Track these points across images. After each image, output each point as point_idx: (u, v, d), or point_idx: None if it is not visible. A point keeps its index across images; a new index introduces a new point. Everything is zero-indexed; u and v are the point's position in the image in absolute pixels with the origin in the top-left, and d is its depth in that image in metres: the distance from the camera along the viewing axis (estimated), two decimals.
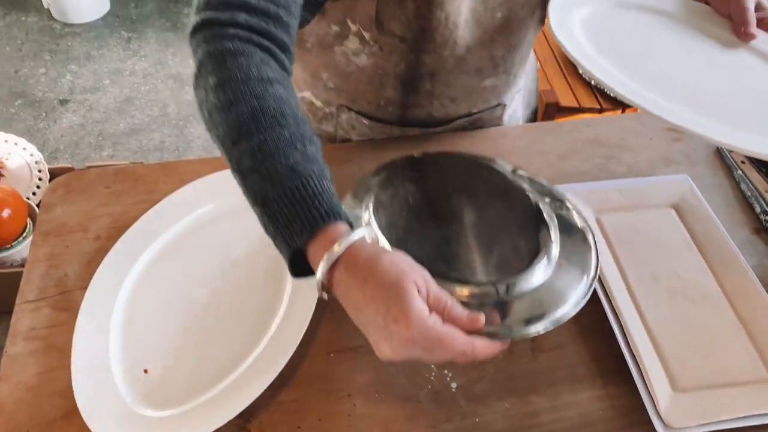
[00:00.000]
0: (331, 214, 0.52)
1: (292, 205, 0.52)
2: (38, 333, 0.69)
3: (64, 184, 0.85)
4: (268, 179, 0.53)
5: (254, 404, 0.62)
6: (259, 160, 0.53)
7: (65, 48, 2.69)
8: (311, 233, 0.52)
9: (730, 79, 0.73)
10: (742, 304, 0.71)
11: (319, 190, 0.52)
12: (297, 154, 0.54)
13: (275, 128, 0.54)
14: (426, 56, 0.82)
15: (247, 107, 0.54)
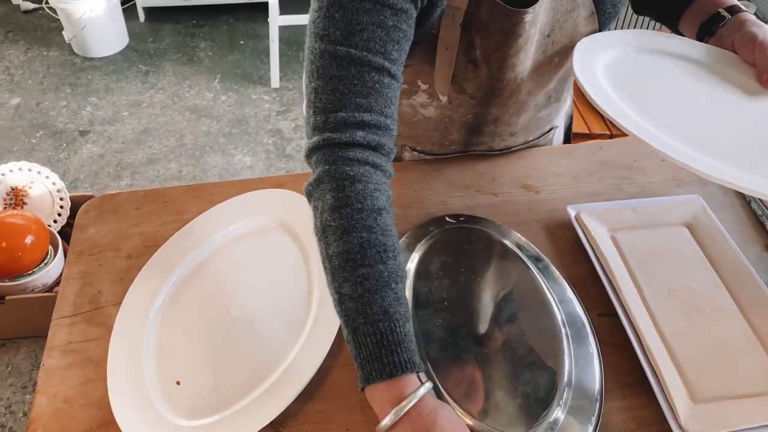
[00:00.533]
0: (407, 365, 0.56)
1: (378, 346, 0.57)
2: (74, 347, 0.71)
3: (97, 206, 0.88)
4: (362, 313, 0.58)
5: (283, 415, 0.64)
6: (359, 293, 0.58)
7: (85, 81, 2.76)
8: (388, 379, 0.56)
9: (753, 126, 0.73)
10: (756, 317, 0.73)
11: (401, 338, 0.57)
12: (391, 295, 0.59)
13: (378, 265, 0.59)
14: (493, 108, 0.86)
15: (358, 239, 0.60)
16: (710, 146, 0.67)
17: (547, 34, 0.79)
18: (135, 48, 3.00)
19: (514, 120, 0.90)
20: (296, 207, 0.84)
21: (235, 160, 2.39)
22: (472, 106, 0.85)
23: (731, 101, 0.75)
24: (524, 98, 0.86)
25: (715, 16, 0.82)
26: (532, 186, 0.92)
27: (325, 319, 0.71)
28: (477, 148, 0.96)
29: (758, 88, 0.77)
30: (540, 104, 0.90)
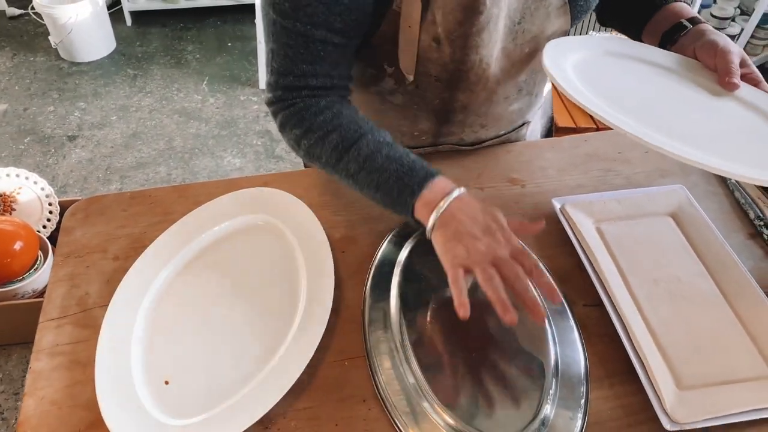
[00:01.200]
0: (427, 176, 0.70)
1: (398, 180, 0.70)
2: (61, 349, 0.71)
3: (83, 208, 0.88)
4: (374, 171, 0.72)
5: (272, 412, 0.64)
6: (362, 162, 0.73)
7: (73, 86, 2.75)
8: (419, 194, 0.69)
9: (718, 122, 0.77)
10: (741, 304, 0.73)
11: (411, 164, 0.71)
12: (385, 147, 0.73)
13: (362, 137, 0.74)
14: (460, 93, 0.86)
15: (335, 134, 0.75)
16: (680, 135, 0.69)
17: (517, 21, 0.79)
18: (122, 52, 2.99)
19: (484, 110, 0.90)
20: (282, 205, 0.84)
21: (225, 162, 2.39)
22: (439, 90, 0.85)
23: (697, 101, 0.79)
24: (493, 87, 0.86)
25: (676, 25, 0.87)
26: (518, 180, 0.92)
27: (313, 315, 0.71)
28: (447, 140, 0.96)
29: (720, 90, 0.81)
30: (511, 96, 0.91)
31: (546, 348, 0.68)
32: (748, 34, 2.70)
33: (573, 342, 0.70)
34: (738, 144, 0.73)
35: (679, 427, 0.62)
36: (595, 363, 0.70)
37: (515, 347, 0.69)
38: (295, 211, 0.84)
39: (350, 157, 0.73)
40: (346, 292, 0.77)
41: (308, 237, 0.80)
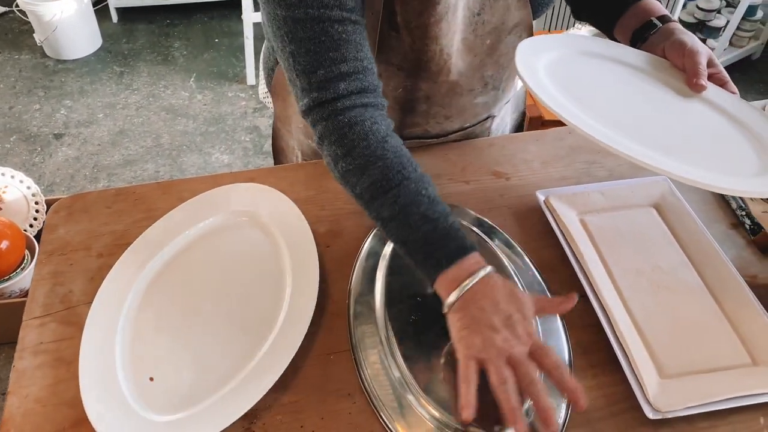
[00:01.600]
0: (458, 252, 0.64)
1: (428, 247, 0.64)
2: (45, 347, 0.71)
3: (67, 205, 0.88)
4: (406, 226, 0.65)
5: (257, 406, 0.64)
6: (396, 211, 0.66)
7: (59, 84, 2.73)
8: (445, 269, 0.63)
9: (681, 122, 0.78)
10: (723, 294, 0.74)
11: (445, 232, 0.65)
12: (425, 201, 0.66)
13: (403, 182, 0.66)
14: (422, 83, 0.86)
15: (377, 169, 0.67)
16: (644, 138, 0.70)
17: (476, 11, 0.80)
18: (108, 49, 2.97)
19: (448, 101, 0.90)
20: (267, 200, 0.84)
21: (213, 158, 2.38)
22: (401, 79, 0.85)
23: (665, 102, 0.80)
24: (455, 79, 0.86)
25: (647, 23, 0.87)
26: (503, 173, 0.93)
27: (298, 310, 0.71)
28: (412, 131, 0.96)
29: (688, 91, 0.82)
30: (476, 90, 0.91)
31: None
32: (734, 26, 2.71)
33: (556, 332, 0.70)
34: (701, 147, 0.75)
35: (661, 415, 0.62)
36: (578, 353, 0.70)
37: None
38: (280, 207, 0.83)
39: (386, 200, 0.66)
40: (332, 286, 0.77)
41: (293, 232, 0.80)
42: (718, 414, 0.64)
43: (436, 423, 0.62)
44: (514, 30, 0.84)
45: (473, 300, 0.61)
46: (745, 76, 2.94)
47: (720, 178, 0.67)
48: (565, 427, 0.63)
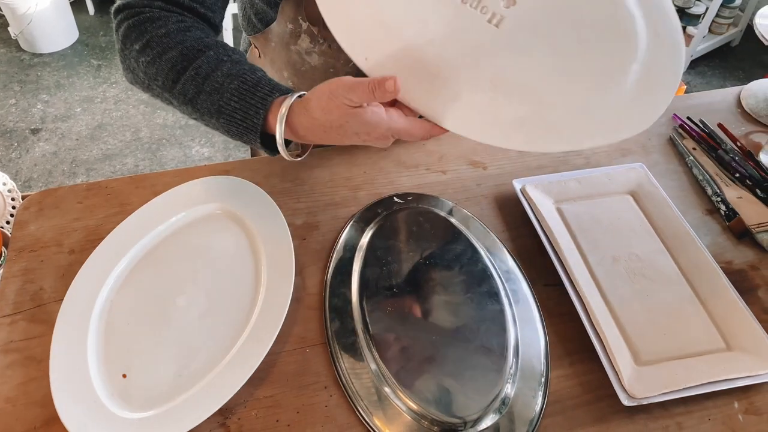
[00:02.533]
0: (274, 91, 0.63)
1: (242, 99, 0.63)
2: (15, 345, 0.70)
3: (37, 201, 0.86)
4: (215, 92, 0.63)
5: (233, 402, 0.64)
6: (200, 83, 0.64)
7: (35, 78, 2.69)
8: (266, 111, 0.62)
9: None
10: (698, 280, 0.74)
11: (256, 79, 0.63)
12: (228, 64, 0.65)
13: (202, 56, 0.65)
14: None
15: (175, 52, 0.65)
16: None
17: None
18: (85, 42, 2.92)
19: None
20: (242, 193, 0.83)
21: (193, 152, 2.36)
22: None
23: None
24: None
25: None
26: (480, 162, 0.92)
27: (273, 303, 0.71)
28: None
29: None
30: None
31: (506, 328, 0.68)
32: (713, 13, 2.73)
33: (533, 321, 0.70)
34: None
35: (636, 402, 0.63)
36: (554, 342, 0.70)
37: (475, 328, 0.69)
38: (255, 199, 0.82)
39: (188, 77, 0.64)
40: (308, 279, 0.76)
41: (268, 225, 0.79)
42: (693, 399, 0.65)
43: (413, 415, 0.62)
44: None
45: (303, 128, 0.63)
46: (725, 63, 2.96)
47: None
48: (542, 416, 0.63)
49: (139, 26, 0.68)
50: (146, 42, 0.67)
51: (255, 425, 0.63)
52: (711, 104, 1.04)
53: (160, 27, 0.67)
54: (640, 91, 0.58)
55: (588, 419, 0.64)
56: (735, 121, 1.00)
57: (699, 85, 2.81)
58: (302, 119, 0.63)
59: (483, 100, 0.61)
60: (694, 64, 2.91)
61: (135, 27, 0.68)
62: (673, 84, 0.57)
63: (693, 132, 0.95)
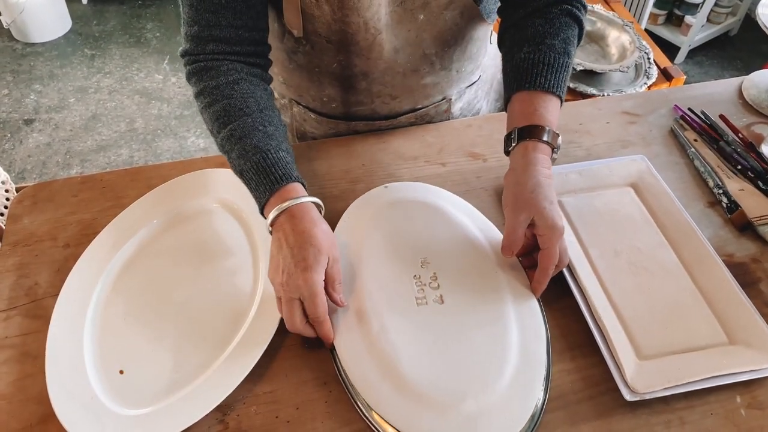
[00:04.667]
0: (283, 178, 0.69)
1: (257, 174, 0.69)
2: (11, 342, 0.69)
3: (31, 194, 0.85)
4: (242, 156, 0.70)
5: (231, 398, 0.63)
6: (233, 143, 0.71)
7: (28, 68, 2.66)
8: (270, 193, 0.68)
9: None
10: (700, 273, 0.74)
11: (275, 161, 0.69)
12: (259, 135, 0.71)
13: (242, 118, 0.72)
14: (355, 58, 0.84)
15: (220, 105, 0.73)
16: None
17: None
18: (79, 31, 2.89)
19: (389, 80, 0.88)
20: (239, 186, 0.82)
21: (188, 142, 2.34)
22: (333, 53, 0.83)
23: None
24: (391, 56, 0.84)
25: (510, 132, 0.73)
26: (480, 154, 0.91)
27: (272, 298, 0.70)
28: (359, 110, 0.94)
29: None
30: (422, 70, 0.89)
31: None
32: (711, 3, 2.71)
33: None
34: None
35: (639, 397, 0.62)
36: (556, 336, 0.69)
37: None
38: None
39: (227, 134, 0.72)
40: None
41: None
42: (696, 394, 0.64)
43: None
44: (450, 6, 0.81)
45: (283, 233, 0.67)
46: (723, 52, 2.94)
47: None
48: (544, 411, 0.63)
49: (198, 72, 0.76)
50: (201, 89, 0.75)
51: (254, 421, 0.63)
52: (712, 95, 1.03)
53: (213, 78, 0.74)
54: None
55: (590, 414, 0.63)
56: (736, 112, 1.00)
57: (697, 75, 2.81)
58: (287, 227, 0.67)
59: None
60: (692, 54, 2.90)
61: (195, 72, 0.76)
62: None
63: (694, 123, 0.94)
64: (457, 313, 0.69)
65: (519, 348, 0.66)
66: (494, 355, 0.65)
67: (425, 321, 0.68)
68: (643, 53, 1.83)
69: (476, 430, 0.60)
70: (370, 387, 0.63)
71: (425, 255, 0.74)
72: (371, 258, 0.73)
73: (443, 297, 0.70)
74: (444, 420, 0.60)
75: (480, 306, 0.69)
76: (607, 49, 1.91)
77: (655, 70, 1.81)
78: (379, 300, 0.69)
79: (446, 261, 0.73)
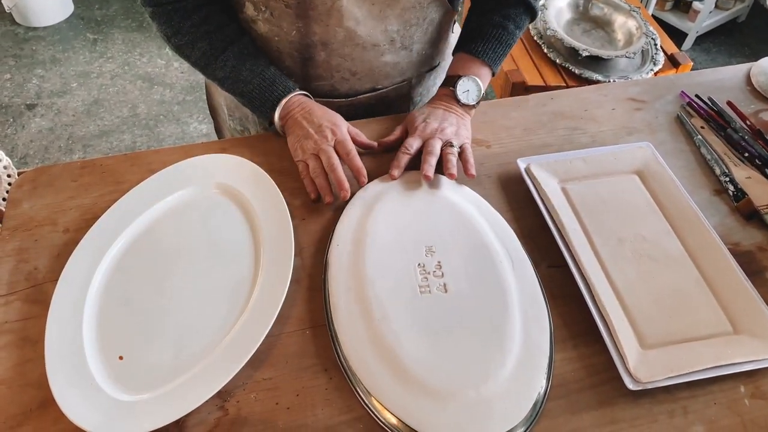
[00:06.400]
0: (284, 92, 0.85)
1: (260, 92, 0.84)
2: (10, 326, 0.68)
3: (31, 179, 0.84)
4: (239, 81, 0.84)
5: (231, 384, 0.63)
6: (227, 72, 0.84)
7: (30, 52, 2.64)
8: (275, 108, 0.84)
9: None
10: (705, 262, 0.73)
11: (273, 78, 0.85)
12: (250, 58, 0.85)
13: (228, 48, 0.84)
14: (314, 25, 0.83)
15: (204, 42, 0.84)
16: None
17: None
18: (81, 15, 2.87)
19: (348, 53, 0.87)
20: (240, 172, 0.81)
21: (191, 128, 2.33)
22: (292, 18, 0.83)
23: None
24: (352, 27, 0.83)
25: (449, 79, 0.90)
26: (483, 140, 0.90)
27: (273, 284, 0.69)
28: (319, 85, 0.93)
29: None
30: (382, 46, 0.88)
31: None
32: None
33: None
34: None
35: (641, 386, 0.62)
36: (558, 325, 0.69)
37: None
38: (254, 178, 0.81)
39: (217, 65, 0.84)
40: (307, 259, 0.75)
41: (267, 204, 0.78)
42: (699, 383, 0.64)
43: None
44: None
45: (295, 120, 0.84)
46: (731, 39, 2.91)
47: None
48: (546, 399, 0.62)
49: (165, 14, 0.82)
50: (175, 30, 0.83)
51: (254, 408, 0.62)
52: (720, 81, 1.01)
53: (184, 17, 0.82)
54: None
55: (592, 403, 0.63)
56: (744, 99, 0.98)
57: (704, 61, 2.78)
58: (300, 110, 0.84)
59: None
60: (700, 41, 2.87)
61: (161, 14, 0.82)
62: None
63: (701, 110, 0.93)
64: (461, 302, 0.68)
65: (522, 338, 0.65)
66: (497, 344, 0.65)
67: (428, 309, 0.67)
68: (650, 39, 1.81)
69: (478, 419, 0.59)
70: (370, 374, 0.63)
71: (430, 243, 0.73)
72: (375, 245, 0.73)
73: (447, 286, 0.69)
74: (445, 408, 0.60)
75: (484, 295, 0.69)
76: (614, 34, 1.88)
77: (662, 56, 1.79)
78: (382, 288, 0.69)
79: (451, 250, 0.73)
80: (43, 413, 0.62)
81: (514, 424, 0.59)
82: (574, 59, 1.76)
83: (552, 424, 0.61)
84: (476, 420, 0.59)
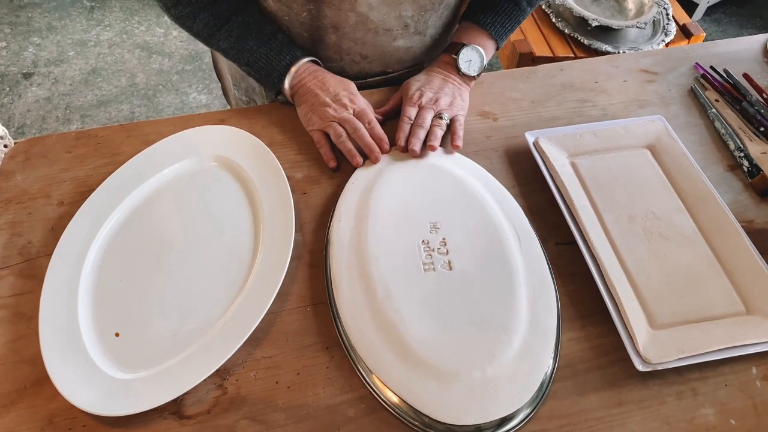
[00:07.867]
0: (293, 60, 0.82)
1: (267, 61, 0.81)
2: (4, 302, 0.67)
3: (24, 150, 0.82)
4: (245, 50, 0.82)
5: (230, 362, 0.61)
6: (232, 42, 0.81)
7: (25, 20, 2.59)
8: (284, 76, 0.82)
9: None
10: (718, 240, 0.71)
11: (279, 48, 0.82)
12: (254, 28, 0.81)
13: (231, 18, 0.80)
14: (326, 8, 0.80)
15: (206, 13, 0.80)
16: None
17: None
18: None
19: (360, 37, 0.84)
20: (239, 144, 0.79)
21: (190, 98, 2.29)
22: (303, 1, 0.80)
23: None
24: (365, 12, 0.80)
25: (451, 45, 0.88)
26: (490, 113, 0.87)
27: (273, 260, 0.67)
28: (328, 66, 0.89)
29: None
30: (394, 30, 0.84)
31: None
32: None
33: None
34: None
35: (651, 367, 0.60)
36: (566, 304, 0.67)
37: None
38: (253, 151, 0.78)
39: (221, 35, 0.81)
40: (308, 235, 0.73)
41: (267, 178, 0.75)
42: (709, 364, 0.62)
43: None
44: None
45: (308, 90, 0.82)
46: (742, 9, 2.85)
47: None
48: (552, 380, 0.61)
49: None
50: (176, 1, 0.79)
51: (253, 387, 0.61)
52: (735, 53, 0.98)
53: None
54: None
55: (600, 384, 0.61)
56: (761, 71, 0.95)
57: (714, 33, 2.72)
58: (313, 79, 0.82)
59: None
60: (710, 11, 2.80)
61: None
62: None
63: (716, 82, 0.90)
64: (466, 280, 0.66)
65: (528, 317, 0.64)
66: (502, 324, 0.63)
67: (432, 287, 0.65)
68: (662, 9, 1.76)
69: (482, 400, 0.58)
70: (373, 353, 0.61)
71: (435, 220, 0.71)
72: (378, 222, 0.71)
73: (452, 263, 0.67)
74: (449, 388, 0.58)
75: (489, 273, 0.67)
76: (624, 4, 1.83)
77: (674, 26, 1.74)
78: (385, 265, 0.67)
79: (456, 226, 0.70)
80: (37, 391, 0.60)
81: (519, 406, 0.58)
82: (583, 29, 1.72)
83: (558, 405, 0.60)
84: (481, 401, 0.58)
